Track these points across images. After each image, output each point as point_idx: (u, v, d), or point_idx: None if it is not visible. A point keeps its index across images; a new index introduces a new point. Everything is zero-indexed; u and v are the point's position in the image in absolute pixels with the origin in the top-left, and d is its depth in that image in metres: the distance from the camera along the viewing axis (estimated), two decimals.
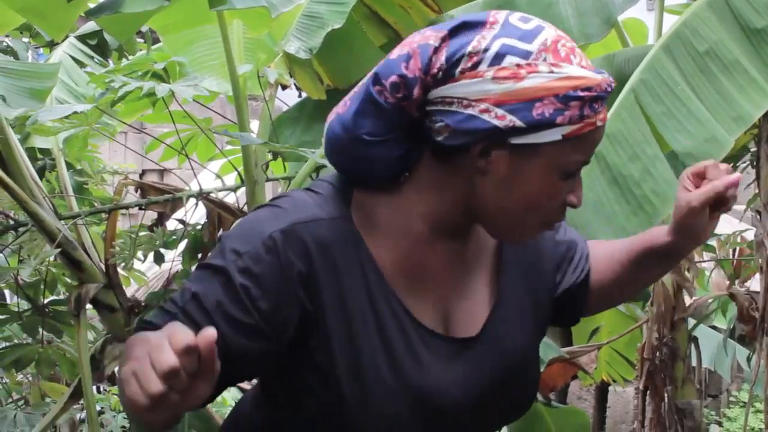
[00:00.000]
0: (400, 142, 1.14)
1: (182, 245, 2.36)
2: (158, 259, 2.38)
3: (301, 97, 2.59)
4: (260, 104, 2.39)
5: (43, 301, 2.56)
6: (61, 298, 2.65)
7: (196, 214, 2.41)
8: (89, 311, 2.44)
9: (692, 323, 3.24)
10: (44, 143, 2.66)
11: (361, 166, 1.16)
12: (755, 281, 3.19)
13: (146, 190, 2.47)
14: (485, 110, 1.07)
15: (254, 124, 2.56)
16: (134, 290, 3.33)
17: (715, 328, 4.52)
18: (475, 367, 1.21)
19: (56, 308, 2.54)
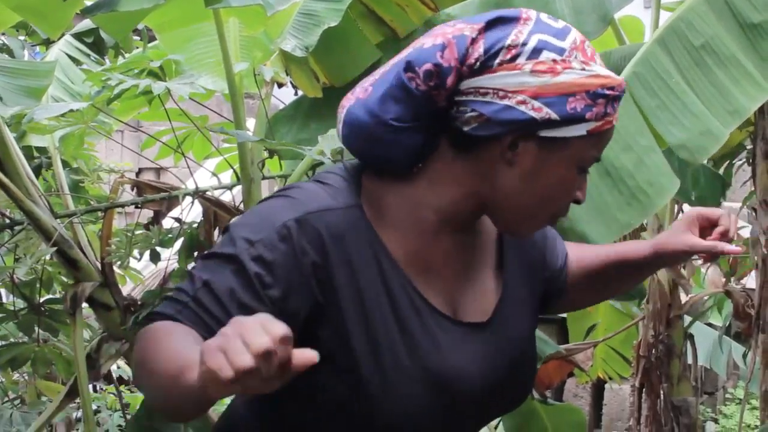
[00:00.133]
0: (421, 131, 1.16)
1: (178, 244, 2.36)
2: (154, 257, 2.38)
3: (297, 95, 2.58)
4: (257, 102, 2.39)
5: (39, 299, 2.56)
6: (57, 296, 2.65)
7: (192, 212, 2.41)
8: (85, 310, 2.44)
9: (688, 320, 3.25)
10: (40, 141, 2.65)
11: (381, 152, 1.17)
12: (751, 278, 3.19)
13: (142, 188, 2.46)
14: (522, 102, 1.11)
15: (251, 122, 2.56)
16: (130, 289, 3.34)
17: (711, 325, 4.53)
18: (487, 352, 1.23)
19: (52, 307, 2.54)
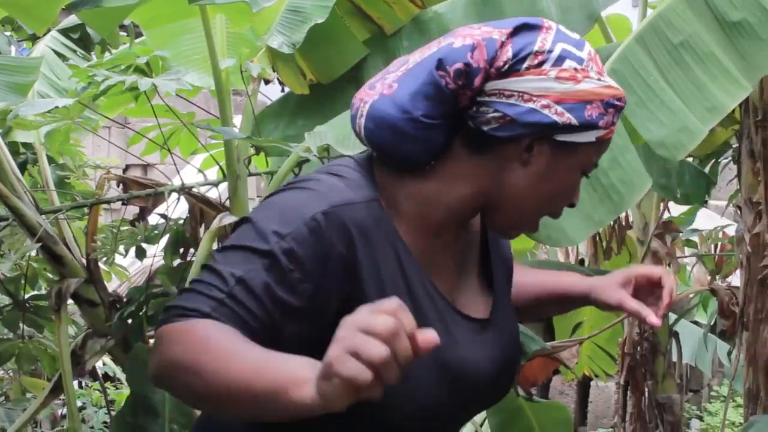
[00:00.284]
0: (444, 129, 1.18)
1: (164, 240, 2.35)
2: (140, 254, 2.37)
3: (284, 91, 2.57)
4: (244, 99, 2.38)
5: (23, 295, 2.56)
6: (42, 293, 2.64)
7: (178, 209, 2.41)
8: (70, 306, 2.43)
9: (673, 318, 3.27)
10: (26, 137, 2.64)
11: (407, 147, 1.18)
12: (736, 276, 3.21)
13: (128, 184, 2.46)
14: (546, 106, 1.16)
15: (239, 118, 2.56)
16: (116, 285, 3.33)
17: (696, 323, 4.55)
18: (492, 346, 1.28)
19: (37, 303, 2.54)
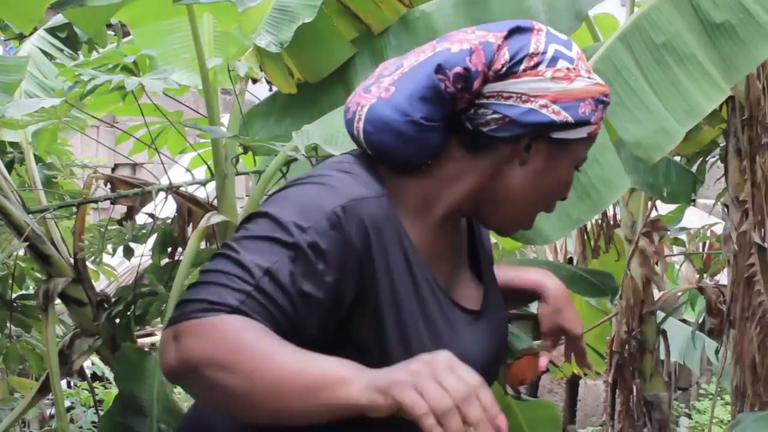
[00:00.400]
0: (441, 131, 1.21)
1: (152, 239, 2.35)
2: (128, 253, 2.37)
3: (271, 90, 2.57)
4: (233, 98, 2.38)
5: (11, 295, 2.55)
6: (29, 292, 2.64)
7: (166, 208, 2.40)
8: (58, 306, 2.43)
9: (662, 316, 3.27)
10: (13, 136, 2.63)
11: (407, 149, 1.21)
12: (724, 275, 3.22)
13: (116, 184, 2.45)
14: (544, 105, 1.20)
15: (227, 117, 2.55)
16: (104, 285, 3.32)
17: (684, 321, 4.57)
18: (484, 336, 1.30)
19: (24, 303, 2.53)
